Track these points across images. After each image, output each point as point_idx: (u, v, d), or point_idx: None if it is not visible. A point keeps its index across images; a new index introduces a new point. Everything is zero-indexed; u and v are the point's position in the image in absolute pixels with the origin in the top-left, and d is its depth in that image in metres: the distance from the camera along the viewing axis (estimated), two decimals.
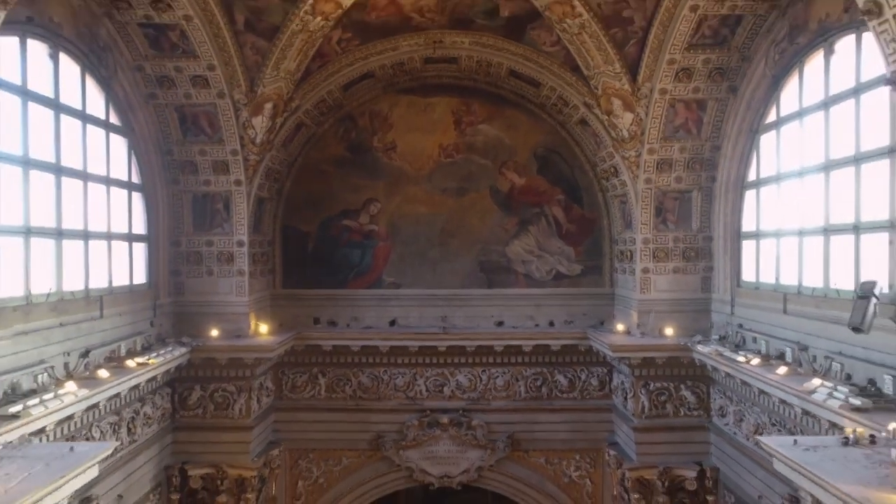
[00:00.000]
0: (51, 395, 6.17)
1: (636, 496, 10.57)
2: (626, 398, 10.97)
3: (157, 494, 9.81)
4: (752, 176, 9.76)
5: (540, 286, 12.41)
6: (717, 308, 10.45)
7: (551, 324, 12.22)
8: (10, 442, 5.03)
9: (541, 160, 12.31)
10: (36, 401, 5.94)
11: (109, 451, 5.23)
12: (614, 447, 11.41)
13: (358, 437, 12.09)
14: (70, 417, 6.54)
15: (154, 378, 8.71)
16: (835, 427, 6.09)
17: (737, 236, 10.13)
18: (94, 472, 4.79)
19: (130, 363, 8.01)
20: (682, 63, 9.34)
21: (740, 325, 9.46)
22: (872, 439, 4.81)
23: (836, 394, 6.18)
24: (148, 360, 8.26)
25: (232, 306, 10.71)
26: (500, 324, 12.26)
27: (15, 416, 5.50)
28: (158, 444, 9.61)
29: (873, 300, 5.81)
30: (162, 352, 8.95)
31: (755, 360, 8.10)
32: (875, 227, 6.74)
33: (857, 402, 5.77)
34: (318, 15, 9.05)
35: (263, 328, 10.97)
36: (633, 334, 10.79)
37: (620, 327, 11.19)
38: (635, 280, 10.90)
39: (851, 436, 4.88)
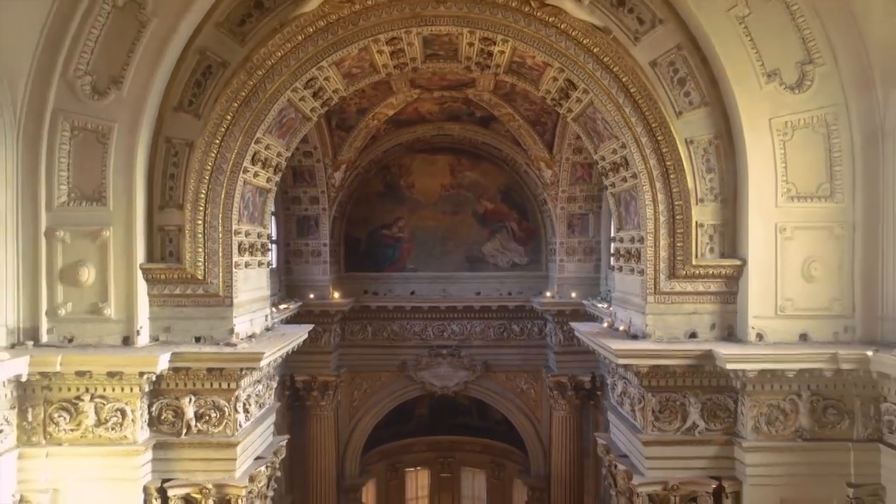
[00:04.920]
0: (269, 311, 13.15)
1: (556, 392, 16.93)
2: (551, 337, 17.00)
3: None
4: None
5: (503, 271, 17.87)
6: (602, 282, 16.35)
7: (510, 293, 17.56)
8: (276, 321, 12.09)
9: (503, 193, 17.90)
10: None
11: (311, 327, 12.28)
12: (547, 368, 17.16)
13: (390, 363, 17.56)
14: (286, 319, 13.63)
15: (287, 317, 15.57)
16: None
17: (609, 241, 16.21)
18: (304, 335, 11.81)
19: (282, 306, 14.96)
20: (576, 145, 15.07)
21: (609, 290, 16.03)
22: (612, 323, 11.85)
23: None
24: (288, 305, 15.23)
25: (319, 282, 16.42)
26: (479, 293, 17.52)
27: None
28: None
29: None
30: (290, 303, 15.73)
31: (605, 304, 14.96)
32: None
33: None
34: (375, 119, 15.54)
35: (336, 295, 16.90)
36: (555, 298, 16.46)
37: (548, 294, 16.72)
38: (556, 266, 17.01)
39: (609, 321, 11.95)
